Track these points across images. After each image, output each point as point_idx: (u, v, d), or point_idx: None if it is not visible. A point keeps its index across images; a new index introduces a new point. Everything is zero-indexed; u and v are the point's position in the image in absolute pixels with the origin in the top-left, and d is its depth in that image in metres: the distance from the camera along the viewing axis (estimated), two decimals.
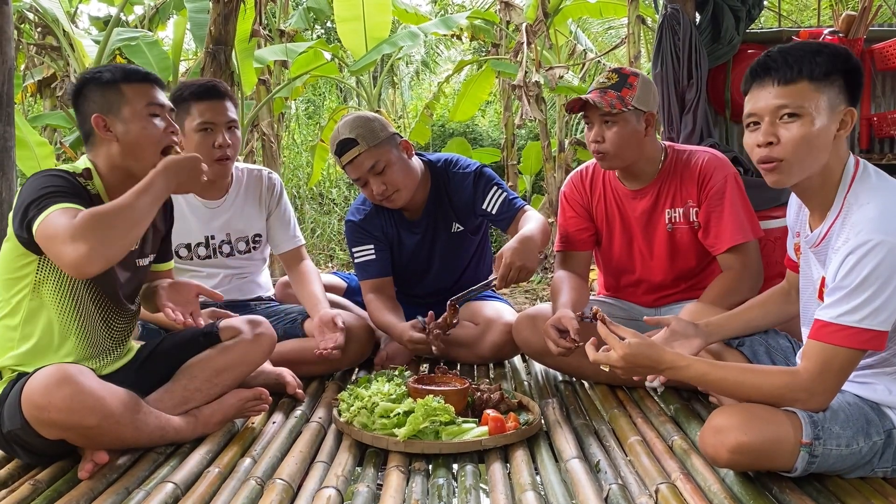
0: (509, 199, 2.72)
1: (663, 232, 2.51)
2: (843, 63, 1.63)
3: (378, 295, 2.79)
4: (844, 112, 1.64)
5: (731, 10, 3.39)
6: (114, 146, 1.92)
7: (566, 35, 8.13)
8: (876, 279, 1.53)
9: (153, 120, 1.94)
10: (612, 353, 1.76)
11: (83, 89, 1.95)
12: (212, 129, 2.54)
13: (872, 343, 1.56)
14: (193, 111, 2.53)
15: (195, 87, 2.56)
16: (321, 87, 11.67)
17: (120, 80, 1.93)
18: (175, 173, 1.86)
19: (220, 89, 2.58)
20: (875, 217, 1.57)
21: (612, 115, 2.37)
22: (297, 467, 1.81)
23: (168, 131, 1.96)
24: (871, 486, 1.67)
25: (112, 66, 1.96)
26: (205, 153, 2.52)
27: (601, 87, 2.41)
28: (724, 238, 2.39)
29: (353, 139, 2.58)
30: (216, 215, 2.71)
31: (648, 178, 2.51)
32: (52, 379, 1.69)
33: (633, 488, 1.69)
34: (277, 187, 2.83)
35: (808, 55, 1.63)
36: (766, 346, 2.04)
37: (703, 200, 2.44)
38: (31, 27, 7.22)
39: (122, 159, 1.93)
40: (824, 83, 1.62)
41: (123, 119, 1.91)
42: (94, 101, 1.93)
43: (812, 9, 8.53)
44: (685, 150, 2.54)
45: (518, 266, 2.37)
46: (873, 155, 3.55)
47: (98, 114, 1.91)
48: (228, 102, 2.59)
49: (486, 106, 11.78)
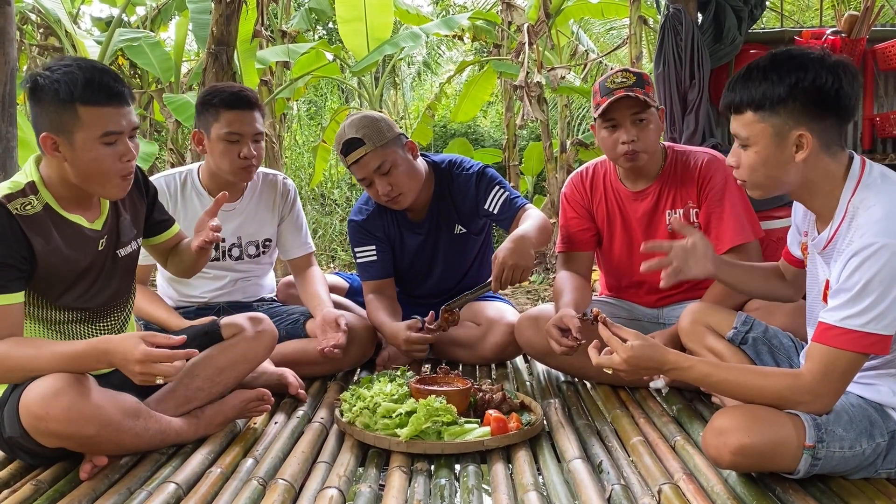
0: (511, 198, 2.71)
1: (664, 233, 2.51)
2: (799, 83, 1.61)
3: (378, 296, 2.79)
4: (797, 136, 1.63)
5: (733, 10, 3.39)
6: (63, 164, 1.78)
7: (568, 35, 8.13)
8: (880, 283, 1.52)
9: (107, 148, 1.77)
10: (614, 356, 1.75)
11: (37, 94, 1.75)
12: (238, 139, 2.53)
13: (876, 347, 1.55)
14: (222, 119, 2.52)
15: (226, 94, 2.54)
16: (323, 88, 11.67)
17: (77, 100, 1.72)
18: (107, 363, 1.72)
19: (251, 99, 2.57)
20: (880, 219, 1.56)
21: (644, 113, 2.37)
22: (300, 468, 1.81)
23: (124, 159, 1.81)
24: (874, 486, 1.67)
25: (71, 75, 1.72)
26: (228, 162, 2.54)
27: (624, 86, 2.37)
28: (724, 239, 2.39)
29: (360, 139, 2.57)
30: (229, 218, 2.69)
31: (650, 179, 2.51)
32: (50, 389, 1.67)
33: (635, 489, 1.69)
34: (291, 193, 2.84)
35: (755, 83, 1.64)
36: (768, 345, 2.04)
37: (703, 201, 2.44)
38: (34, 28, 7.24)
39: (74, 178, 1.81)
40: (769, 112, 1.64)
41: (74, 145, 1.75)
42: (46, 115, 1.74)
43: (814, 9, 8.52)
44: (685, 151, 2.54)
45: (511, 265, 2.35)
46: (876, 155, 3.55)
47: (47, 133, 1.74)
48: (257, 113, 2.58)
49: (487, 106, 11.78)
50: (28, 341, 1.75)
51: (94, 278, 1.92)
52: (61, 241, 1.83)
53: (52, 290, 1.85)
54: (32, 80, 1.76)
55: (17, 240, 1.74)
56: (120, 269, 2.00)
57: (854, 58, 3.38)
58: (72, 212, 1.87)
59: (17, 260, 1.74)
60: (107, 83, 1.75)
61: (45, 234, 1.79)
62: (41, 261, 1.78)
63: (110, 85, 1.75)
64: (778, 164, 1.67)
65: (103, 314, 1.97)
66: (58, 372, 1.69)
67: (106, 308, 1.98)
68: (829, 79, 1.60)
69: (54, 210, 1.83)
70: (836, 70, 1.61)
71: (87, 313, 1.93)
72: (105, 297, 1.96)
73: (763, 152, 1.66)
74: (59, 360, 1.71)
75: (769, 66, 1.65)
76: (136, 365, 1.66)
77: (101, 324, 1.98)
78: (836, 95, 1.61)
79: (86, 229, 1.89)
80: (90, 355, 1.71)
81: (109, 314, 1.99)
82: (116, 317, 2.02)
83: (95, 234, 1.91)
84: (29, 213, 1.77)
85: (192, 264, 2.22)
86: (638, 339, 1.73)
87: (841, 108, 1.63)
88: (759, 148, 1.67)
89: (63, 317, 1.89)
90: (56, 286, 1.85)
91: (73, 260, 1.85)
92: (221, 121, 2.53)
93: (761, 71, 1.65)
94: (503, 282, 2.37)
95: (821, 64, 1.61)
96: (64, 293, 1.86)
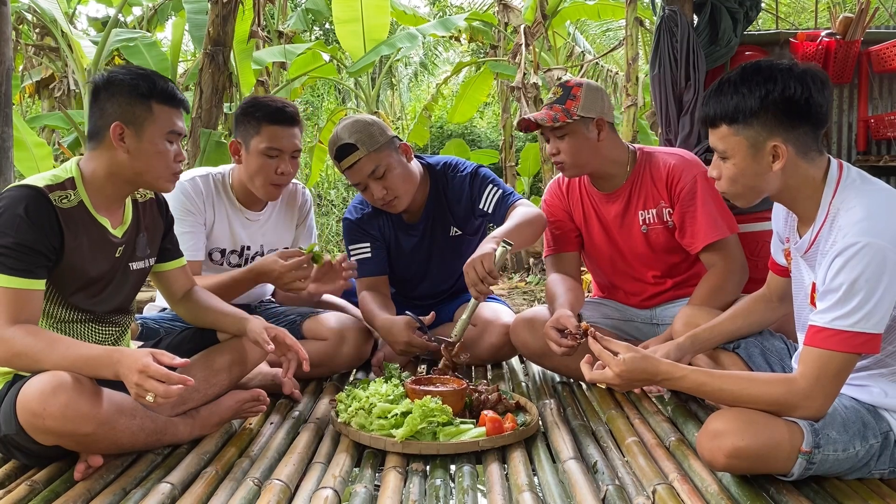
0: (504, 195, 2.70)
1: (638, 233, 2.54)
2: (769, 95, 1.63)
3: (372, 292, 2.78)
4: (772, 147, 1.65)
5: (728, 12, 3.40)
6: (121, 155, 1.89)
7: (564, 37, 8.15)
8: (866, 282, 1.53)
9: (169, 145, 1.92)
10: (606, 371, 1.74)
11: (113, 87, 1.88)
12: (278, 154, 2.53)
13: (867, 346, 1.56)
14: (263, 132, 2.52)
15: (270, 108, 2.53)
16: (319, 89, 11.69)
17: (154, 98, 1.88)
18: (114, 372, 1.71)
19: (293, 115, 2.56)
20: (861, 219, 1.57)
21: (560, 129, 2.42)
22: (295, 468, 1.81)
23: (178, 158, 1.95)
24: (868, 487, 1.68)
25: (149, 77, 1.90)
26: (264, 175, 2.54)
27: (548, 103, 2.47)
28: (699, 237, 2.42)
29: (353, 144, 2.56)
30: (255, 227, 2.72)
31: (619, 182, 2.54)
32: (48, 386, 1.67)
33: (630, 489, 1.70)
34: (308, 203, 2.88)
35: (726, 97, 1.67)
36: (761, 348, 2.05)
37: (675, 202, 2.47)
38: (30, 28, 7.23)
39: (125, 168, 1.90)
40: (742, 125, 1.66)
41: (142, 137, 1.88)
42: (119, 107, 1.87)
43: (809, 11, 8.54)
44: (654, 153, 2.57)
45: (471, 265, 2.21)
46: (870, 157, 3.55)
47: (118, 122, 1.86)
48: (297, 129, 2.58)
49: (484, 107, 11.81)
50: (44, 333, 1.76)
51: (105, 283, 1.95)
52: (87, 239, 1.87)
53: (67, 287, 1.87)
54: (109, 75, 1.91)
55: (51, 229, 1.79)
56: (130, 282, 2.03)
57: (849, 60, 3.40)
58: (101, 214, 1.92)
59: (48, 248, 1.78)
60: (176, 92, 1.94)
61: (75, 230, 1.85)
62: (66, 255, 1.83)
63: (178, 94, 1.95)
64: (756, 175, 1.69)
65: (106, 320, 1.99)
66: (65, 370, 1.70)
67: (110, 314, 2.00)
68: (798, 88, 1.63)
69: (86, 208, 1.89)
70: (805, 79, 1.63)
71: (92, 316, 1.95)
72: (112, 305, 1.99)
73: (741, 164, 1.69)
74: (72, 359, 1.72)
75: (739, 79, 1.67)
76: (135, 375, 1.67)
77: (102, 329, 1.99)
78: (806, 104, 1.64)
79: (109, 233, 1.93)
80: (103, 361, 1.72)
81: (111, 321, 2.01)
82: (117, 325, 2.04)
83: (116, 240, 1.95)
84: (65, 207, 1.84)
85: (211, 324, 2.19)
86: (629, 352, 1.72)
87: (813, 116, 1.65)
88: (737, 160, 1.69)
89: (69, 315, 1.91)
90: (71, 283, 1.87)
91: (93, 260, 1.89)
92: (263, 134, 2.52)
93: (732, 85, 1.67)
94: (476, 285, 2.21)
95: (789, 74, 1.64)
96: (76, 292, 1.89)
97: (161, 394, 1.66)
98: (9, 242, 1.73)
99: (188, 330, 2.20)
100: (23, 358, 1.72)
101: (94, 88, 1.91)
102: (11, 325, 1.72)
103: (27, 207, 1.76)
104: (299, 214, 2.85)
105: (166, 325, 2.52)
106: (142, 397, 1.68)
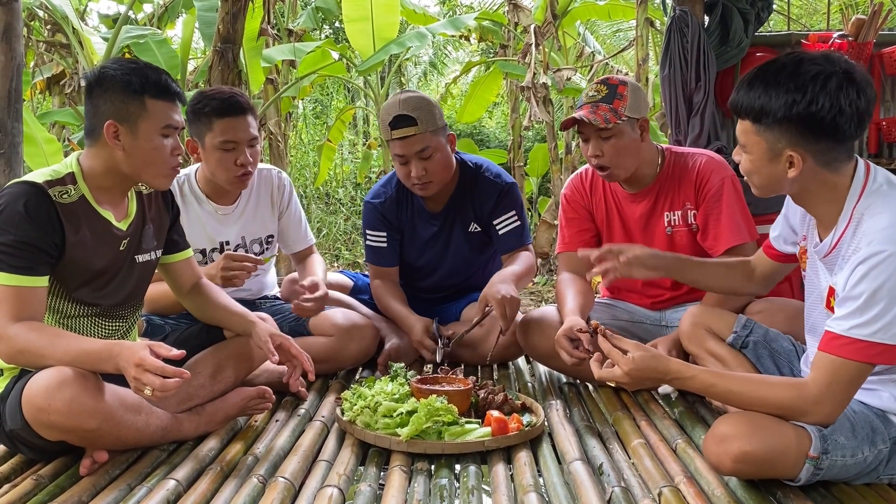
0: (521, 230, 2.77)
1: (662, 235, 2.51)
2: (794, 106, 1.56)
3: (385, 281, 2.85)
4: (788, 155, 1.61)
5: (739, 12, 3.38)
6: (118, 152, 1.87)
7: (574, 37, 8.12)
8: (888, 292, 1.50)
9: (165, 140, 1.89)
10: (616, 369, 1.73)
11: (105, 84, 1.86)
12: (234, 147, 2.50)
13: (883, 357, 1.54)
14: (215, 127, 2.48)
15: (216, 101, 2.49)
16: (329, 87, 11.69)
17: (146, 93, 1.85)
18: (115, 365, 1.71)
19: (242, 104, 2.51)
20: (886, 227, 1.54)
21: (606, 129, 2.36)
22: (300, 466, 1.81)
23: (175, 153, 1.92)
24: (876, 492, 1.66)
25: (141, 71, 1.86)
26: (225, 170, 2.52)
27: (592, 101, 2.40)
28: (722, 240, 2.40)
29: (413, 118, 2.56)
30: (230, 221, 2.70)
31: (647, 182, 2.51)
32: (53, 381, 1.68)
33: (635, 491, 1.69)
34: (287, 187, 2.83)
35: (756, 93, 1.62)
36: (769, 349, 2.03)
37: (700, 203, 2.44)
38: (41, 24, 7.26)
39: (123, 165, 1.89)
40: (764, 128, 1.62)
41: (137, 134, 1.85)
42: (112, 104, 1.85)
43: (822, 12, 8.49)
44: (683, 153, 2.54)
45: (509, 299, 2.40)
46: (882, 160, 3.53)
47: (112, 121, 1.84)
48: (250, 117, 2.54)
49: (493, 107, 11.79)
50: (46, 329, 1.77)
51: (111, 277, 1.95)
52: (89, 233, 1.87)
53: (72, 282, 1.87)
54: (100, 71, 1.87)
55: (52, 225, 1.79)
56: (136, 274, 2.03)
57: (861, 62, 3.37)
58: (104, 207, 1.91)
59: (49, 245, 1.78)
60: (169, 83, 1.89)
61: (77, 225, 1.84)
62: (68, 250, 1.82)
63: (172, 85, 1.90)
64: (771, 176, 1.67)
65: (113, 314, 1.99)
66: (68, 365, 1.70)
67: (117, 308, 2.00)
68: (827, 105, 1.54)
69: (88, 202, 1.88)
70: (838, 96, 1.54)
71: (98, 310, 1.95)
72: (118, 298, 1.99)
73: (757, 163, 1.67)
74: (75, 354, 1.72)
75: (772, 77, 1.60)
76: (133, 368, 1.67)
77: (109, 323, 1.99)
78: (832, 122, 1.55)
79: (113, 226, 1.93)
80: (103, 354, 1.72)
81: (118, 315, 2.01)
82: (124, 319, 2.04)
83: (121, 233, 1.95)
84: (66, 202, 1.83)
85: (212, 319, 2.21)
86: (639, 350, 1.71)
87: (838, 133, 1.57)
88: (754, 158, 1.67)
89: (75, 310, 1.91)
90: (76, 278, 1.87)
91: (97, 254, 1.89)
92: (215, 129, 2.48)
93: (763, 81, 1.61)
94: (508, 317, 2.41)
95: (822, 87, 1.54)
96: (81, 286, 1.89)
97: (157, 387, 1.64)
98: (9, 240, 1.73)
99: (194, 326, 2.20)
100: (26, 354, 1.73)
101: (88, 85, 1.89)
102: (14, 322, 1.72)
103: (27, 204, 1.75)
104: (281, 200, 2.79)
105: (172, 321, 2.52)
106: (140, 391, 1.67)
